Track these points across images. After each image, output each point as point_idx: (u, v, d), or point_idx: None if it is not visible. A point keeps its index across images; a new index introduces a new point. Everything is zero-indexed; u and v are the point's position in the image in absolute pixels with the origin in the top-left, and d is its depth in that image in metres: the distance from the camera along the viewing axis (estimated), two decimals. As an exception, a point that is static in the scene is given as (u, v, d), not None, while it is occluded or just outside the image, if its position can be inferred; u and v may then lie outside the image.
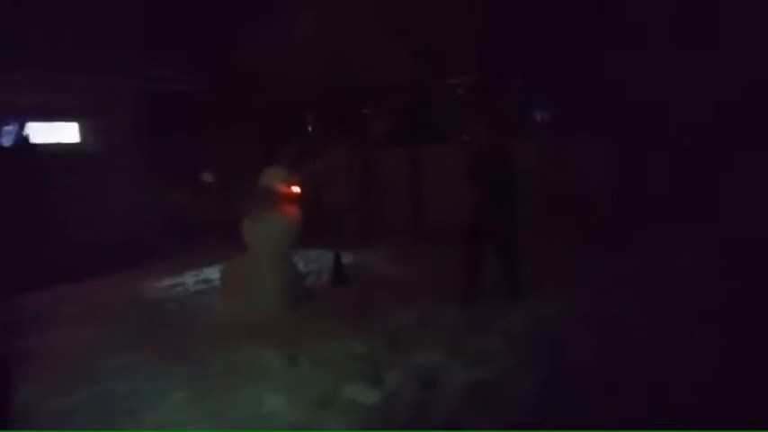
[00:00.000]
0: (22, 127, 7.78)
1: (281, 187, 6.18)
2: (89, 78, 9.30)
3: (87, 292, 7.08)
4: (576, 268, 6.69)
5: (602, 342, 4.38)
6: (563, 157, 8.39)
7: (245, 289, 5.92)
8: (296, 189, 6.28)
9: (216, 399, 3.77)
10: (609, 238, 7.79)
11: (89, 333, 5.32)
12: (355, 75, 9.35)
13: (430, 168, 9.19)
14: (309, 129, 9.55)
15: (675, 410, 3.30)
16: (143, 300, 6.76)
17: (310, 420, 3.46)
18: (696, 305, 5.04)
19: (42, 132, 9.15)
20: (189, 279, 7.84)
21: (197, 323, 5.65)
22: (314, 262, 8.47)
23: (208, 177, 7.78)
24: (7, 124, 7.69)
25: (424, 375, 3.94)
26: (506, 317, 5.12)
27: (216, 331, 5.29)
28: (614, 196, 8.42)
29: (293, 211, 6.22)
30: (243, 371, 4.21)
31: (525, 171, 6.14)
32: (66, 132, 9.57)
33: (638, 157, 8.46)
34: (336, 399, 3.68)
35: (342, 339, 4.77)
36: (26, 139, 8.02)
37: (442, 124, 9.34)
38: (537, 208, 8.01)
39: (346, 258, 8.19)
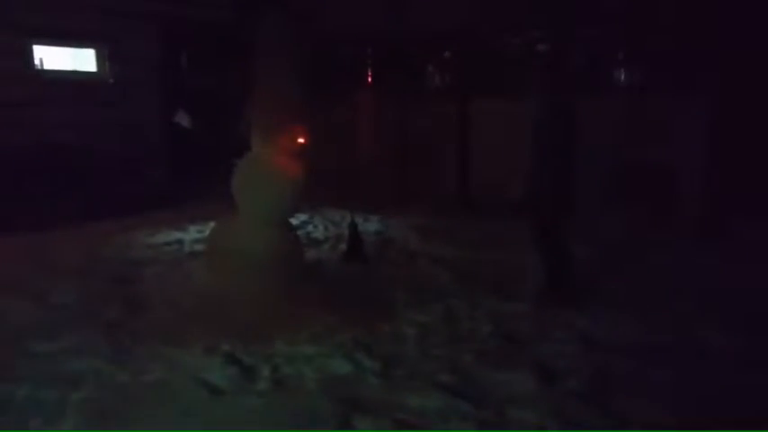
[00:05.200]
0: None
1: (282, 137, 4.82)
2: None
3: (59, 245, 6.08)
4: (652, 265, 5.16)
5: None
6: (646, 123, 6.55)
7: (228, 261, 4.71)
8: (300, 139, 4.90)
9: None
10: (700, 227, 6.07)
11: (14, 306, 4.23)
12: (403, 20, 7.71)
13: (482, 127, 7.58)
14: (339, 75, 7.94)
15: None
16: (116, 260, 5.68)
17: None
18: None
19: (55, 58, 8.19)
20: (190, 235, 6.75)
21: (159, 300, 4.48)
22: (336, 225, 7.22)
23: (182, 119, 6.48)
24: None
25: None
26: (549, 335, 3.68)
27: (166, 315, 4.12)
28: (708, 174, 6.54)
29: (295, 169, 4.86)
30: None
31: (598, 139, 4.92)
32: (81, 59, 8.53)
33: (741, 127, 6.44)
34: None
35: (319, 352, 3.49)
36: None
37: (500, 79, 7.58)
38: (609, 184, 6.37)
39: (372, 225, 6.96)
